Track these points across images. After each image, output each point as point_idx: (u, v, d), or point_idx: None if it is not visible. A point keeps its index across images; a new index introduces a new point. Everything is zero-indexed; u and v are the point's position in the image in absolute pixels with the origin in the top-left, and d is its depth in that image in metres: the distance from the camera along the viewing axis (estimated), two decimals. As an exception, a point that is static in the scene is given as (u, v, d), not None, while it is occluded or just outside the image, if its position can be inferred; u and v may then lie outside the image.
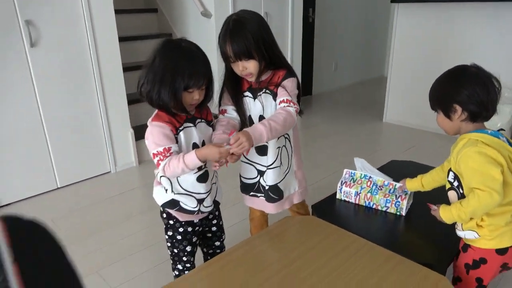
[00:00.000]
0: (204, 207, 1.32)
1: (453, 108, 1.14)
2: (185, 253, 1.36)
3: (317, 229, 1.33)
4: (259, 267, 1.16)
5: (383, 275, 1.10)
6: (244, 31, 1.25)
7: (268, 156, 1.40)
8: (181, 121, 1.22)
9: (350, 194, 1.57)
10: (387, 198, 1.49)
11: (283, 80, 1.33)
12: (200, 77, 1.17)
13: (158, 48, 1.18)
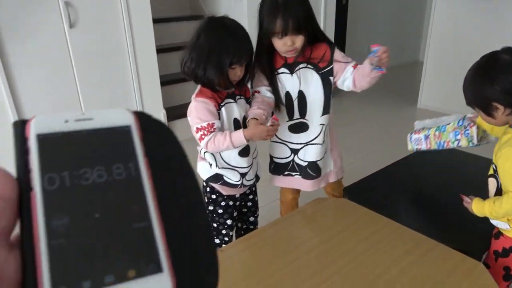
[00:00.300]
0: (246, 180, 1.36)
1: (493, 107, 1.04)
2: (225, 226, 1.42)
3: (348, 211, 1.33)
4: (290, 246, 1.17)
5: (415, 259, 1.09)
6: (296, 6, 1.25)
7: (308, 132, 1.42)
8: (223, 97, 1.25)
9: (420, 140, 1.48)
10: (456, 130, 1.37)
11: (332, 55, 1.36)
12: (244, 54, 1.20)
13: (201, 26, 1.20)
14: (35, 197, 0.20)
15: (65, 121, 0.22)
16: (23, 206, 0.20)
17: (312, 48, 1.35)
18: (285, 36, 1.26)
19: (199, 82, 1.24)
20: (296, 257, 1.12)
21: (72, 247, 0.19)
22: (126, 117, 0.23)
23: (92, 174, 0.21)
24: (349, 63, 1.37)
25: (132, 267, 0.19)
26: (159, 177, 0.22)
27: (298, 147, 1.45)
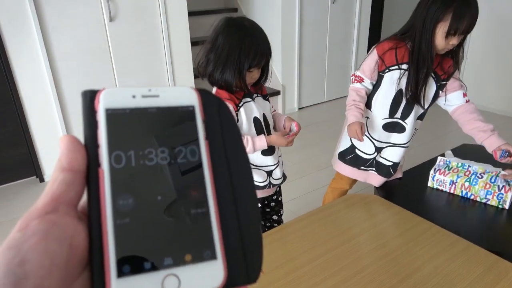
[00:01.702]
0: (273, 179, 1.36)
1: None
2: None
3: (380, 208, 1.32)
4: (318, 241, 1.18)
5: (448, 258, 1.07)
6: (477, 7, 1.25)
7: (403, 135, 1.47)
8: (240, 97, 1.24)
9: (444, 182, 1.46)
10: (488, 189, 1.36)
11: (454, 71, 1.39)
12: (263, 56, 1.20)
13: (219, 27, 1.18)
14: (103, 175, 0.20)
15: (132, 96, 0.22)
16: (91, 181, 0.21)
17: (443, 59, 1.37)
18: (457, 36, 1.25)
19: (216, 85, 1.22)
20: (322, 252, 1.12)
21: (135, 227, 0.20)
22: (191, 96, 0.23)
23: (156, 155, 0.21)
24: (462, 89, 1.44)
25: (189, 252, 0.20)
26: (217, 164, 0.22)
27: (383, 145, 1.50)
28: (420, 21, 1.29)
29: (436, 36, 1.27)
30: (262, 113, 1.30)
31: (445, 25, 1.24)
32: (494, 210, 1.36)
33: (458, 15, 1.21)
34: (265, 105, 1.34)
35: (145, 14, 2.58)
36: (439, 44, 1.29)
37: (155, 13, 2.62)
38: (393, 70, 1.38)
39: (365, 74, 1.43)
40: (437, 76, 1.38)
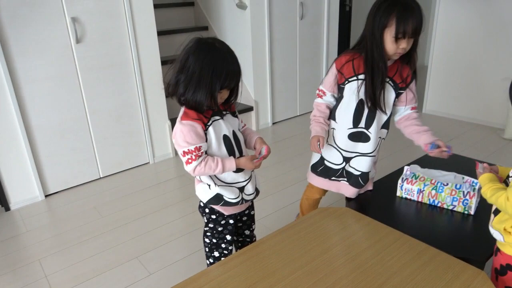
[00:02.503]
0: (246, 195, 1.36)
1: None
2: (225, 240, 1.41)
3: (351, 220, 1.33)
4: (293, 256, 1.18)
5: (417, 267, 1.09)
6: (420, 10, 1.32)
7: (368, 144, 1.51)
8: (209, 116, 1.24)
9: (412, 191, 1.49)
10: (454, 196, 1.41)
11: (412, 81, 1.45)
12: (234, 78, 1.21)
13: (190, 47, 1.18)
14: None
15: None
16: None
17: (399, 65, 1.43)
18: (406, 39, 1.31)
19: (185, 105, 1.22)
20: (297, 267, 1.12)
21: None
22: None
23: None
24: (415, 104, 1.51)
25: None
26: None
27: (351, 155, 1.54)
28: (369, 30, 1.35)
29: (386, 42, 1.33)
30: (231, 131, 1.30)
31: (391, 30, 1.30)
32: (461, 216, 1.40)
33: (402, 19, 1.28)
34: (235, 122, 1.35)
35: (113, 35, 2.57)
36: (389, 49, 1.34)
37: (123, 33, 2.61)
38: (352, 81, 1.43)
39: (326, 88, 1.51)
40: (395, 84, 1.43)
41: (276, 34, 3.49)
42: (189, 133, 1.20)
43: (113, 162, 2.79)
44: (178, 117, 1.25)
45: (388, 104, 1.46)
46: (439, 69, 3.65)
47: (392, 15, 1.30)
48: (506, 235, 1.08)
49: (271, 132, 3.61)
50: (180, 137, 1.21)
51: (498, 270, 1.13)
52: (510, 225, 1.06)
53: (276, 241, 1.25)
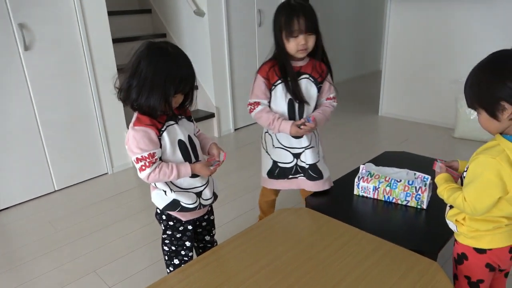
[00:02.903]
0: (203, 200, 1.34)
1: (500, 106, 0.96)
2: (184, 247, 1.39)
3: (310, 220, 1.35)
4: (253, 258, 1.17)
5: (374, 262, 1.11)
6: (312, 9, 1.49)
7: (302, 139, 1.63)
8: (163, 121, 1.22)
9: (368, 189, 1.54)
10: (407, 191, 1.46)
11: (328, 74, 1.61)
12: (189, 81, 1.20)
13: (141, 52, 1.16)
14: None
15: None
16: None
17: (314, 62, 1.58)
18: (301, 35, 1.46)
19: (138, 110, 1.20)
20: (257, 270, 1.11)
21: None
22: None
23: None
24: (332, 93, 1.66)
25: None
26: None
27: (299, 151, 1.65)
28: (274, 36, 1.53)
29: (285, 42, 1.49)
30: (187, 135, 1.28)
31: (285, 30, 1.47)
32: (414, 211, 1.45)
33: (289, 18, 1.45)
34: (190, 127, 1.33)
35: (65, 42, 2.48)
36: (291, 48, 1.50)
37: (76, 41, 2.52)
38: (278, 84, 1.57)
39: (259, 98, 1.59)
40: (315, 79, 1.58)
41: (235, 41, 3.51)
42: (142, 139, 1.17)
43: (68, 174, 2.68)
44: (130, 123, 1.22)
45: (311, 97, 1.60)
46: (392, 74, 3.81)
47: (282, 17, 1.47)
48: (458, 225, 1.13)
49: (233, 138, 3.60)
50: (133, 143, 1.18)
51: (456, 259, 1.19)
52: (461, 218, 1.11)
53: (237, 244, 1.25)
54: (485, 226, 1.07)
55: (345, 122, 3.84)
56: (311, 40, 1.49)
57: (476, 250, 1.11)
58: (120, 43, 3.15)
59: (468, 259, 1.14)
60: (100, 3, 2.60)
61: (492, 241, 1.09)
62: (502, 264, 1.13)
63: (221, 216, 2.15)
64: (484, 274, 1.14)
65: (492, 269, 1.13)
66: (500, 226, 1.06)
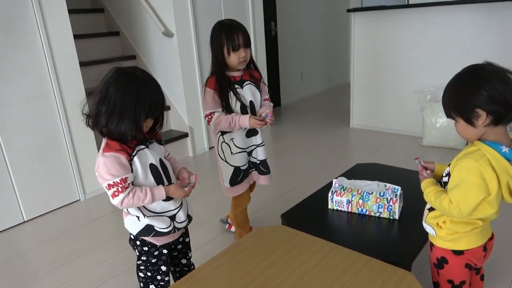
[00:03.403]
0: (177, 223, 1.32)
1: (476, 113, 1.02)
2: (160, 272, 1.36)
3: (286, 238, 1.35)
4: (231, 280, 1.16)
5: (351, 276, 1.13)
6: (244, 27, 1.70)
7: (257, 136, 1.85)
8: (133, 146, 1.21)
9: (342, 203, 1.56)
10: (379, 203, 1.49)
11: (261, 77, 1.85)
12: (159, 106, 1.20)
13: (110, 78, 1.15)
14: None
15: None
16: None
17: (249, 70, 1.80)
18: (242, 48, 1.65)
19: (108, 136, 1.18)
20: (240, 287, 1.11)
21: None
22: None
23: None
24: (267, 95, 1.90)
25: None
26: None
27: (251, 149, 1.85)
28: (213, 54, 1.71)
29: (227, 57, 1.67)
30: (158, 159, 1.27)
31: (227, 46, 1.65)
32: (387, 222, 1.48)
33: (230, 35, 1.64)
34: (161, 150, 1.32)
35: (30, 68, 2.42)
36: (233, 61, 1.68)
37: (41, 66, 2.47)
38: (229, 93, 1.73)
39: (214, 108, 1.71)
40: (255, 83, 1.80)
41: (205, 60, 3.53)
42: (112, 164, 1.15)
43: (38, 203, 2.58)
44: (100, 150, 1.20)
45: (257, 99, 1.81)
46: (360, 86, 3.92)
47: (223, 35, 1.65)
48: (438, 229, 1.17)
49: (208, 157, 3.59)
50: (104, 170, 1.16)
51: (436, 264, 1.22)
52: (442, 221, 1.15)
53: (215, 266, 1.23)
54: (464, 228, 1.12)
55: (318, 135, 3.90)
56: (248, 52, 1.70)
57: (454, 252, 1.16)
58: (89, 66, 3.11)
59: (448, 262, 1.18)
60: (66, 27, 2.57)
61: (469, 242, 1.14)
62: (478, 262, 1.18)
63: (197, 238, 2.13)
64: (465, 274, 1.19)
65: (470, 268, 1.19)
66: (476, 227, 1.11)
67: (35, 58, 2.44)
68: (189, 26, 3.32)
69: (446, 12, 3.22)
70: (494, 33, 3.04)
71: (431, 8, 3.28)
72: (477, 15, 3.08)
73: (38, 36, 2.43)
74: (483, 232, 1.15)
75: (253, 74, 1.80)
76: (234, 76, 1.74)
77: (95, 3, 3.99)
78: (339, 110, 4.64)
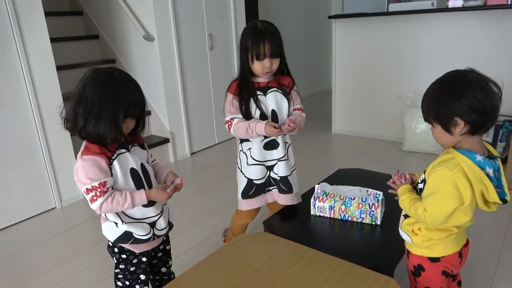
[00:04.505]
0: (157, 230, 1.29)
1: (454, 121, 1.01)
2: (139, 281, 1.32)
3: (269, 244, 1.33)
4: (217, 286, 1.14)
5: (334, 283, 1.12)
6: (277, 34, 1.53)
7: (278, 150, 1.64)
8: (113, 149, 1.18)
9: (324, 209, 1.55)
10: (361, 209, 1.48)
11: (293, 85, 1.66)
12: (138, 106, 1.17)
13: (87, 78, 1.13)
14: None
15: None
16: None
17: (280, 77, 1.61)
18: (267, 58, 1.49)
19: (87, 139, 1.16)
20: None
21: None
22: None
23: None
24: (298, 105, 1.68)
25: None
26: None
27: (273, 163, 1.66)
28: (240, 55, 1.56)
29: (251, 63, 1.52)
30: (139, 163, 1.24)
31: (251, 53, 1.49)
32: (369, 228, 1.49)
33: (255, 42, 1.48)
34: (143, 154, 1.29)
35: (3, 72, 2.34)
36: (256, 69, 1.53)
37: (15, 70, 2.39)
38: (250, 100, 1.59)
39: (233, 113, 1.59)
40: (283, 90, 1.62)
41: (186, 65, 3.50)
42: (91, 168, 1.12)
43: (11, 211, 2.49)
44: (79, 153, 1.16)
45: (283, 108, 1.62)
46: (342, 92, 3.95)
47: (248, 40, 1.50)
48: (413, 236, 1.16)
49: (190, 162, 3.54)
50: (82, 173, 1.12)
51: (413, 272, 1.21)
52: (417, 228, 1.15)
53: (197, 275, 1.21)
54: (439, 235, 1.12)
55: (300, 140, 3.90)
56: (275, 63, 1.53)
57: (430, 259, 1.15)
58: (66, 70, 3.03)
59: (425, 270, 1.17)
60: (42, 30, 2.49)
61: (445, 249, 1.14)
62: (454, 269, 1.18)
63: (178, 245, 2.08)
64: (442, 281, 1.18)
65: (447, 275, 1.18)
66: (451, 233, 1.11)
67: (9, 62, 2.36)
68: (170, 30, 3.29)
69: (425, 20, 3.29)
70: (474, 39, 3.11)
71: (410, 16, 3.34)
72: (456, 22, 3.16)
73: (12, 39, 2.35)
74: (458, 239, 1.15)
75: (282, 81, 1.62)
76: (259, 82, 1.59)
77: (74, 5, 3.91)
78: (321, 115, 4.67)
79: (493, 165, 1.04)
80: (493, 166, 1.04)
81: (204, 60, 3.65)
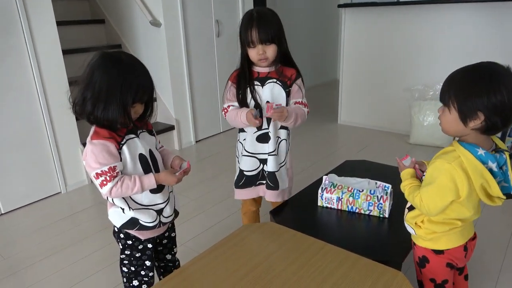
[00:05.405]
0: (164, 217, 1.28)
1: (476, 115, 0.97)
2: (144, 267, 1.32)
3: (275, 235, 1.32)
4: (220, 278, 1.13)
5: (341, 276, 1.11)
6: (272, 19, 1.46)
7: (269, 144, 1.57)
8: (122, 134, 1.16)
9: (332, 200, 1.53)
10: (369, 201, 1.47)
11: (297, 78, 1.56)
12: (146, 90, 1.15)
13: (95, 62, 1.11)
14: None
15: None
16: None
17: (283, 68, 1.54)
18: (259, 45, 1.44)
19: (96, 123, 1.14)
20: (228, 286, 1.07)
21: None
22: None
23: None
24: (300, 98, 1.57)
25: None
26: None
27: (265, 157, 1.60)
28: (240, 44, 1.51)
29: (248, 51, 1.49)
30: (148, 149, 1.23)
31: (245, 39, 1.45)
32: (377, 220, 1.47)
33: (247, 28, 1.44)
34: (151, 141, 1.28)
35: (9, 54, 2.32)
36: (252, 56, 1.49)
37: (21, 52, 2.37)
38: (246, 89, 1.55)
39: (232, 101, 1.57)
40: (283, 82, 1.54)
41: (193, 52, 3.46)
42: (101, 153, 1.11)
43: (16, 195, 2.49)
44: (88, 137, 1.15)
45: (279, 101, 1.54)
46: (349, 83, 3.91)
47: (243, 26, 1.47)
48: (417, 228, 1.16)
49: (194, 150, 3.53)
50: (91, 158, 1.11)
51: (418, 263, 1.21)
52: (420, 220, 1.15)
53: (202, 264, 1.20)
54: (442, 228, 1.11)
55: (305, 131, 3.88)
56: (270, 49, 1.46)
57: (434, 251, 1.15)
58: (73, 54, 3.01)
59: (429, 261, 1.18)
60: (48, 13, 2.47)
61: (449, 242, 1.14)
62: (459, 262, 1.18)
63: (182, 233, 2.08)
64: (447, 273, 1.18)
65: (452, 267, 1.18)
66: (455, 227, 1.11)
67: (15, 45, 2.34)
68: (177, 16, 3.24)
69: (436, 10, 3.22)
70: (485, 32, 3.05)
71: (422, 6, 3.27)
72: (469, 14, 3.09)
73: (19, 22, 2.33)
74: (463, 232, 1.14)
75: (284, 72, 1.55)
76: (259, 71, 1.54)
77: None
78: (327, 106, 4.63)
79: (498, 159, 1.02)
80: (499, 160, 1.02)
81: (211, 47, 3.61)
